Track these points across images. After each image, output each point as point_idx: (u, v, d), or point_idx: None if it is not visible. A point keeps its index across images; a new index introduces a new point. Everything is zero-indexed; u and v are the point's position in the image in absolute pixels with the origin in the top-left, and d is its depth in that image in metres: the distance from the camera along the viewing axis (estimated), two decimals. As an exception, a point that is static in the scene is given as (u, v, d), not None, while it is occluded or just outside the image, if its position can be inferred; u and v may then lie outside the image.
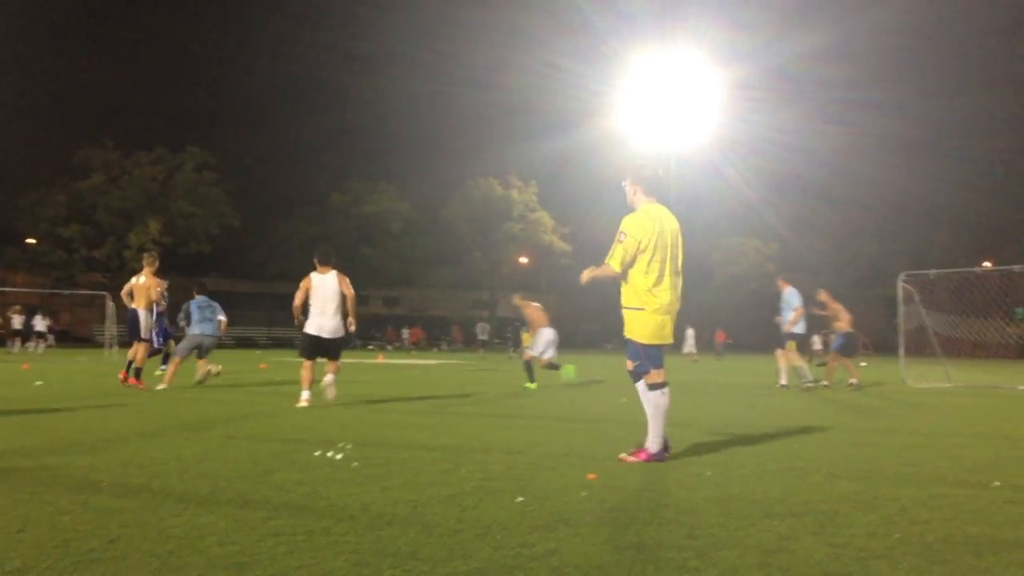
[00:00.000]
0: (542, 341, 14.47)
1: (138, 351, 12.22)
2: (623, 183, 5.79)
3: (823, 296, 15.41)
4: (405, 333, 54.67)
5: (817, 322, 16.27)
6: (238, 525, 3.52)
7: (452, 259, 67.83)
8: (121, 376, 12.25)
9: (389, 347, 53.59)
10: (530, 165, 66.38)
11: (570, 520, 3.66)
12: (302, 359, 9.75)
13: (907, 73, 77.80)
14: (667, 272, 5.48)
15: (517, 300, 15.53)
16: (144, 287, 12.48)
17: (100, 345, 33.77)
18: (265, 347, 52.57)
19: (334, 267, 9.89)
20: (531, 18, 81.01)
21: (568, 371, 14.53)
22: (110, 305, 29.48)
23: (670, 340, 5.60)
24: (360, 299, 12.20)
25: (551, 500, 4.10)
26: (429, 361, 29.25)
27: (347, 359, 25.23)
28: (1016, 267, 16.54)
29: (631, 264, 5.47)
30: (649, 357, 5.54)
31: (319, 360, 9.76)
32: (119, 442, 6.21)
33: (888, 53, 76.47)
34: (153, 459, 5.33)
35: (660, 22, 67.22)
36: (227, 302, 15.13)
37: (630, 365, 5.64)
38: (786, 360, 14.23)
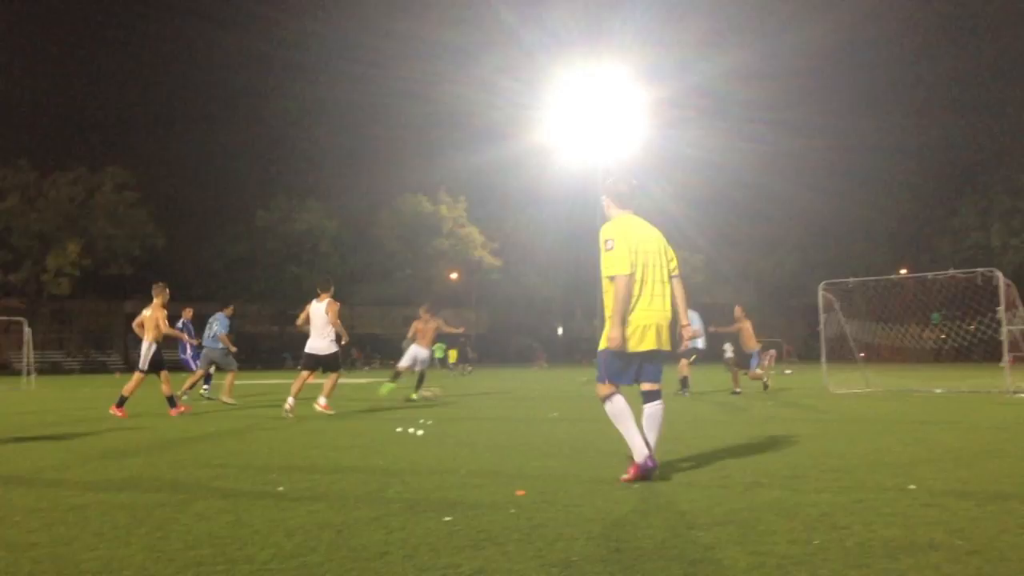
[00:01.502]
0: (411, 355, 15.13)
1: (133, 381, 12.09)
2: (601, 198, 5.74)
3: (738, 312, 16.20)
4: None
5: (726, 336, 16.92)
6: (156, 557, 3.42)
7: (382, 276, 67.39)
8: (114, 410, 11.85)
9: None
10: (459, 180, 66.47)
11: (497, 538, 3.66)
12: (302, 371, 11.78)
13: (822, 94, 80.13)
14: (650, 281, 5.32)
15: (423, 311, 15.86)
16: (152, 319, 12.22)
17: (17, 372, 32.63)
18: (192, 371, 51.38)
19: (330, 295, 11.94)
20: (460, 32, 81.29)
21: (386, 388, 14.89)
22: (27, 331, 28.55)
23: (667, 347, 5.38)
24: (289, 318, 12.88)
25: (479, 518, 4.09)
26: (359, 380, 28.96)
27: (277, 380, 24.85)
28: (929, 274, 17.13)
29: (634, 265, 5.25)
30: (612, 367, 5.30)
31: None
32: (35, 472, 6.01)
33: (804, 75, 78.83)
34: (70, 488, 5.17)
35: (587, 38, 68.13)
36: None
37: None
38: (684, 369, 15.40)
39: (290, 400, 11.21)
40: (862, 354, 17.96)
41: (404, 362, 15.21)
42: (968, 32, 77.09)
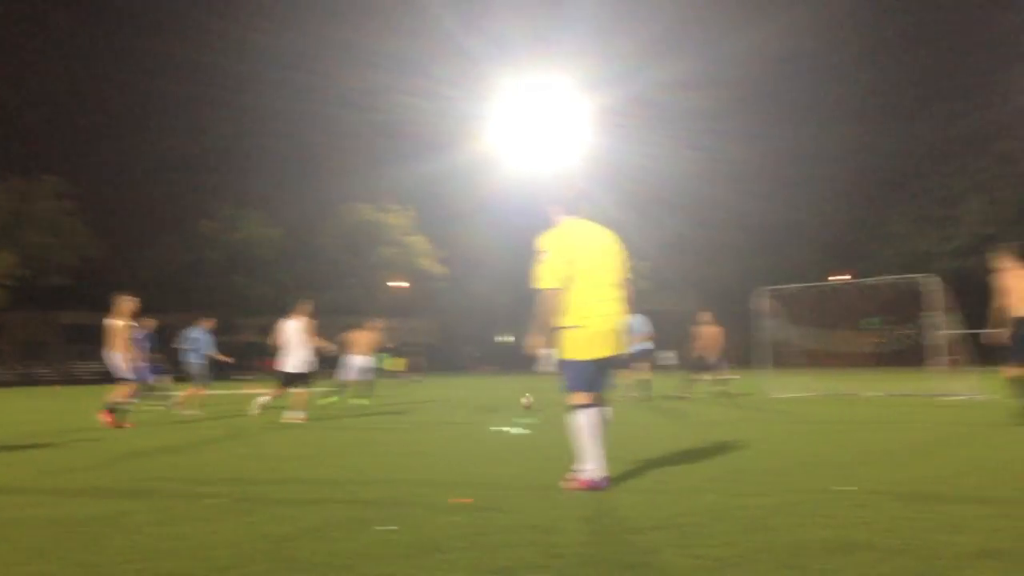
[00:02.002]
0: (349, 366, 15.56)
1: (118, 391, 12.02)
2: (548, 207, 5.64)
3: (706, 318, 16.59)
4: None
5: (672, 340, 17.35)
6: (88, 572, 3.36)
7: (327, 285, 66.77)
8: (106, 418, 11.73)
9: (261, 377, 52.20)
10: (405, 188, 66.14)
11: (440, 546, 3.66)
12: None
13: (762, 103, 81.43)
14: (598, 284, 5.27)
15: (369, 323, 16.44)
16: (110, 328, 12.15)
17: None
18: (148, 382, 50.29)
19: (307, 314, 12.58)
20: (404, 42, 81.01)
21: (328, 400, 15.02)
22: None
23: (620, 350, 5.38)
24: (233, 328, 13.02)
25: (423, 527, 4.08)
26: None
27: (221, 391, 24.48)
28: (866, 280, 17.53)
29: (567, 279, 5.22)
30: (577, 376, 5.28)
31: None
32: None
33: (744, 84, 79.94)
34: (6, 503, 5.04)
35: (531, 48, 68.52)
36: (88, 337, 15.10)
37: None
38: (633, 376, 15.79)
39: (262, 400, 12.34)
40: (802, 359, 18.30)
41: (345, 374, 15.46)
42: (902, 44, 79.16)
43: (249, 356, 57.53)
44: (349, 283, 66.68)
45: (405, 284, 67.82)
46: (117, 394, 11.92)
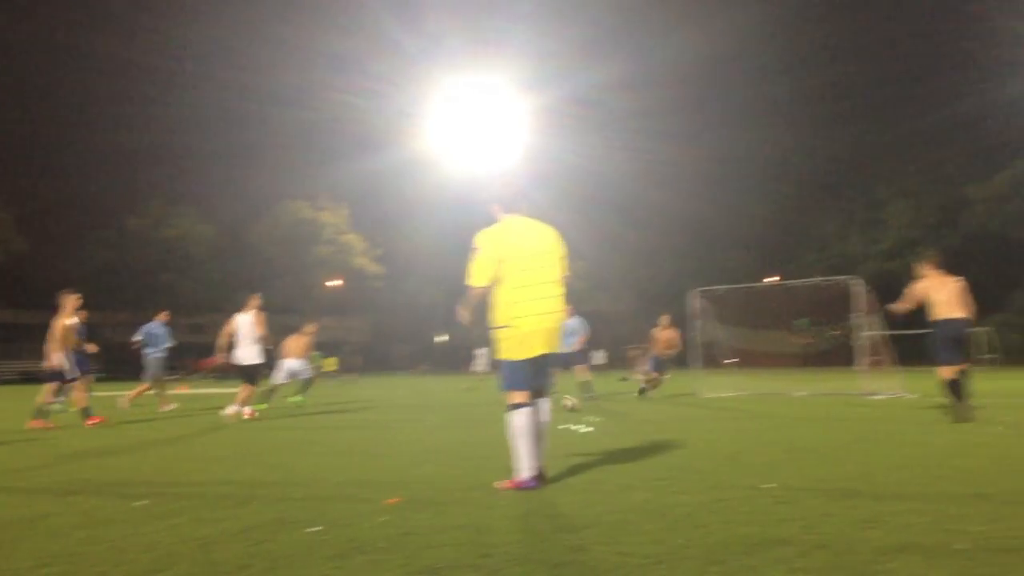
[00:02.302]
0: (284, 369, 15.59)
1: (76, 391, 11.87)
2: (489, 204, 5.63)
3: (665, 321, 16.84)
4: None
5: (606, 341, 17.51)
6: (3, 577, 3.26)
7: (260, 284, 65.88)
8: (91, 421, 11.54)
9: (195, 376, 51.23)
10: (341, 186, 65.66)
11: (365, 547, 3.63)
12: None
13: (696, 104, 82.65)
14: (534, 282, 5.25)
15: (308, 327, 16.67)
16: (57, 326, 11.81)
17: None
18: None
19: (257, 307, 12.40)
20: (340, 39, 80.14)
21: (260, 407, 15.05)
22: None
23: (553, 348, 5.34)
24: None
25: (348, 528, 4.04)
26: (236, 390, 28.19)
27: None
28: (794, 282, 17.91)
29: (498, 277, 5.26)
30: (513, 375, 5.26)
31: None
32: None
33: (678, 85, 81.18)
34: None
35: (468, 47, 68.45)
36: (12, 334, 14.60)
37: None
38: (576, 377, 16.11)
39: (236, 408, 12.12)
40: (733, 360, 18.60)
41: (279, 378, 15.39)
42: (834, 51, 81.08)
43: (180, 355, 56.40)
44: (284, 281, 65.87)
45: (339, 282, 67.22)
46: (51, 395, 11.78)
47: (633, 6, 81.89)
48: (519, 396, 5.24)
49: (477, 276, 5.27)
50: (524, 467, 5.15)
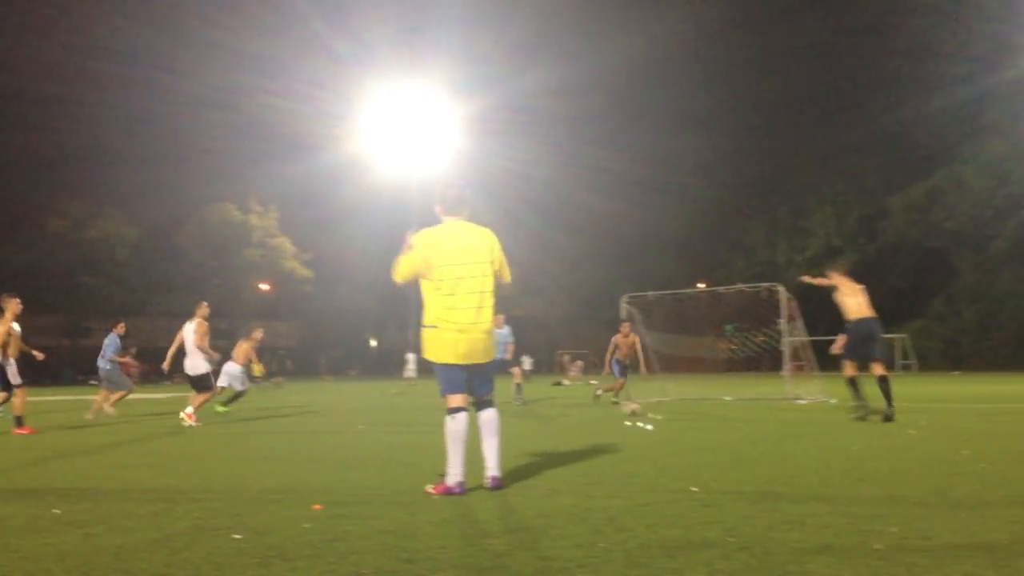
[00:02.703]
0: (225, 372, 15.48)
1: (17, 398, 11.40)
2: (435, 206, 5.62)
3: (625, 329, 16.86)
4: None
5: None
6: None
7: (187, 287, 64.46)
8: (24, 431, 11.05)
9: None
10: (271, 190, 64.58)
11: (287, 554, 3.57)
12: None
13: (627, 111, 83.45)
14: (463, 290, 5.22)
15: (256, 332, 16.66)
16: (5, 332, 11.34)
17: None
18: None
19: (203, 316, 12.55)
20: (267, 41, 78.64)
21: (218, 408, 14.89)
22: None
23: (477, 360, 5.30)
24: (83, 331, 12.33)
25: (271, 535, 3.97)
26: (159, 395, 27.56)
27: (65, 396, 23.29)
28: (720, 288, 18.23)
29: (421, 277, 5.31)
30: (445, 379, 5.27)
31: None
32: None
33: (610, 91, 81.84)
34: None
35: (399, 52, 67.90)
36: None
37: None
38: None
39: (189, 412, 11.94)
40: (660, 365, 18.82)
41: (221, 380, 15.19)
42: (758, 60, 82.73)
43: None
44: (212, 285, 64.59)
45: (267, 287, 66.26)
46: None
47: (563, 13, 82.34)
48: (454, 400, 5.26)
49: (400, 271, 5.36)
50: (453, 473, 5.14)
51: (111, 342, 14.57)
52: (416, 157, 46.84)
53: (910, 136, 57.30)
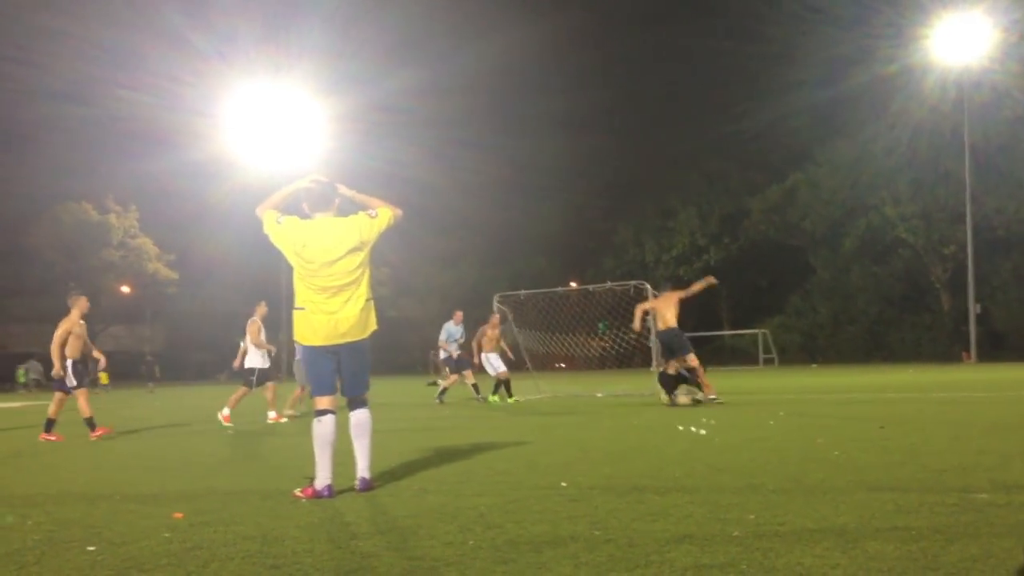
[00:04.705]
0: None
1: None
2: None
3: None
4: None
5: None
6: None
7: (38, 290, 61.12)
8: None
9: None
10: (130, 188, 61.91)
11: (144, 565, 3.43)
12: None
13: (497, 113, 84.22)
14: (334, 284, 5.21)
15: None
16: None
17: None
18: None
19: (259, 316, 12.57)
20: (122, 33, 75.31)
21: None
22: None
23: (349, 338, 5.22)
24: None
25: (128, 545, 3.81)
26: (10, 404, 26.04)
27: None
28: (590, 287, 18.58)
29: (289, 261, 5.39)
30: (313, 374, 5.27)
31: None
32: None
33: (480, 93, 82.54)
34: None
35: (264, 49, 66.11)
36: None
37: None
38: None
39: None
40: (533, 363, 19.03)
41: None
42: (623, 63, 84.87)
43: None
44: (67, 287, 61.36)
45: (128, 289, 63.56)
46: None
47: (431, 15, 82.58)
48: (321, 403, 5.23)
49: (269, 220, 5.42)
50: (321, 476, 5.08)
51: None
52: (283, 156, 45.90)
53: (770, 138, 59.95)
